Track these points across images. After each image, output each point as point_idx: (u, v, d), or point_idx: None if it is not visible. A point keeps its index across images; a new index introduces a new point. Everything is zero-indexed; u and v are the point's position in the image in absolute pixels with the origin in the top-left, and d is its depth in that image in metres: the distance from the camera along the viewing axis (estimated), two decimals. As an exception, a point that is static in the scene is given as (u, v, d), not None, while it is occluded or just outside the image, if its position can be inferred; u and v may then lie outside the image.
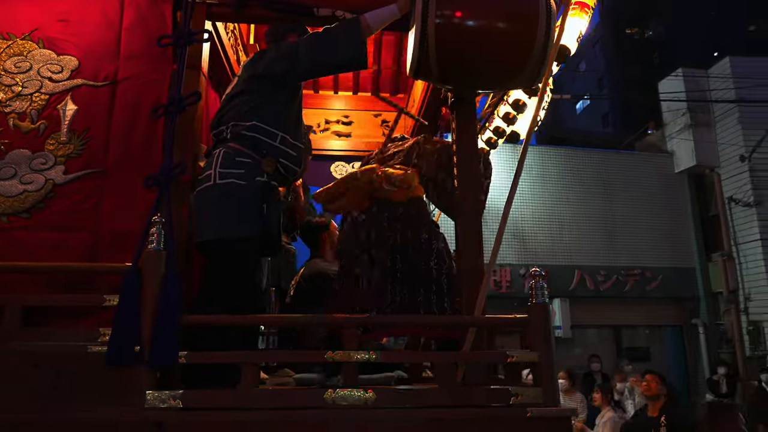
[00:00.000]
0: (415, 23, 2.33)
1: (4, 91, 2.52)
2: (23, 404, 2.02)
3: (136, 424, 2.03)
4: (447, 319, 2.54)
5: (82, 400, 2.04)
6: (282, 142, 2.51)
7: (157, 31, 2.62)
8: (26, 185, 2.43)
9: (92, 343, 2.10)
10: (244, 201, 2.41)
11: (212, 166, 2.45)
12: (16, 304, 2.15)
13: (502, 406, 2.12)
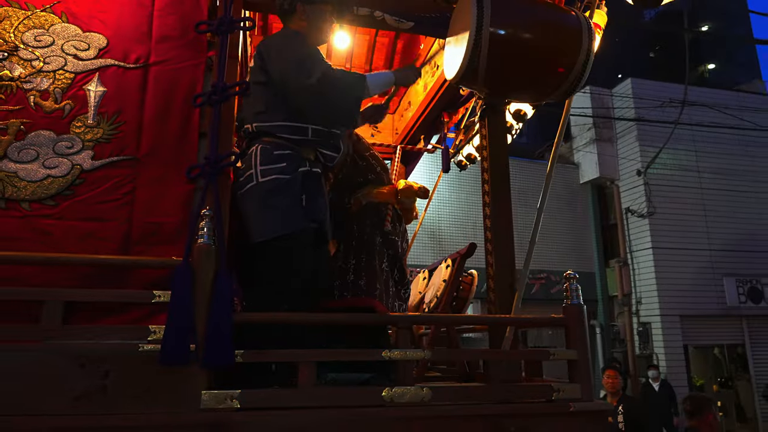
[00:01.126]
0: (464, 33, 2.40)
1: (23, 65, 2.31)
2: (69, 407, 1.89)
3: (192, 426, 1.96)
4: (489, 319, 2.64)
5: (133, 402, 1.94)
6: (315, 134, 2.48)
7: (192, 15, 2.50)
8: (50, 170, 2.24)
9: (143, 342, 1.99)
10: (290, 196, 2.38)
11: (252, 164, 2.40)
12: (58, 300, 1.99)
13: (546, 402, 2.25)
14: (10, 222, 2.16)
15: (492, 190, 2.60)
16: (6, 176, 2.19)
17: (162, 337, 1.98)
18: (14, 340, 1.98)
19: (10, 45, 2.31)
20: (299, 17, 2.57)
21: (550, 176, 2.59)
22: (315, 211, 2.45)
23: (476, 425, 2.16)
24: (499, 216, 2.58)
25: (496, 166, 2.64)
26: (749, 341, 13.06)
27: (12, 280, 2.08)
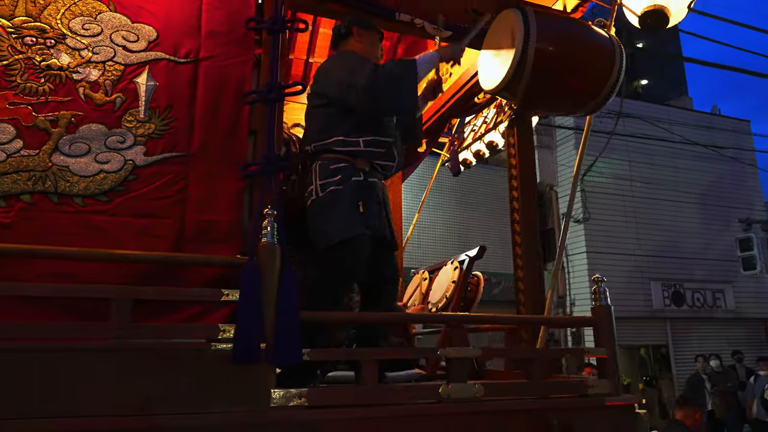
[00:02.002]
0: (507, 47, 2.52)
1: (71, 54, 2.23)
2: (141, 407, 1.86)
3: (263, 424, 1.98)
4: (523, 319, 2.76)
5: (204, 400, 1.93)
6: (368, 145, 2.55)
7: (240, 12, 2.49)
8: (103, 165, 2.18)
9: (214, 340, 1.99)
10: (344, 205, 2.46)
11: (313, 180, 2.51)
12: (127, 298, 1.95)
13: (582, 396, 2.41)
14: (63, 217, 2.10)
15: (522, 196, 2.74)
16: (58, 170, 2.12)
17: (233, 336, 1.98)
18: (80, 338, 1.93)
19: (57, 32, 2.23)
20: (355, 39, 2.69)
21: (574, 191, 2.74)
22: (369, 218, 2.53)
23: (523, 419, 2.29)
24: (528, 221, 2.72)
25: (525, 173, 2.78)
26: (672, 342, 13.98)
27: (68, 277, 2.03)
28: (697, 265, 14.20)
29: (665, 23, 3.10)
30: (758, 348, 14.36)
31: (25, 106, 2.13)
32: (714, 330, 14.35)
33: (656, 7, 3.07)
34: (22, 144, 2.10)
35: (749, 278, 14.16)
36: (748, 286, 14.57)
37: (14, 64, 2.15)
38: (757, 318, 14.79)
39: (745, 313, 14.55)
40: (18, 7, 2.20)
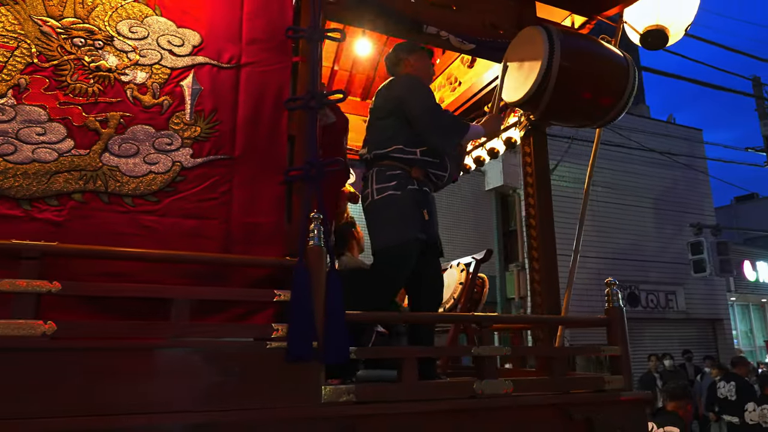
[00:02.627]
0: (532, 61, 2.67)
1: (119, 57, 2.25)
2: (201, 404, 1.92)
3: (315, 419, 2.06)
4: (541, 319, 2.91)
5: (260, 397, 2.00)
6: (424, 154, 2.69)
7: (278, 20, 2.55)
8: (152, 165, 2.22)
9: (269, 339, 2.06)
10: (401, 209, 2.59)
11: (369, 185, 2.67)
12: (186, 298, 2.00)
13: (599, 392, 2.58)
14: (114, 217, 2.13)
15: (538, 203, 2.90)
16: (108, 170, 2.15)
17: (287, 335, 2.05)
18: (137, 337, 1.97)
19: (105, 34, 2.25)
20: (410, 64, 2.90)
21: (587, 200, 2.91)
22: (423, 224, 2.65)
23: (549, 413, 2.44)
24: (544, 228, 2.88)
25: (541, 182, 2.94)
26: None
27: (121, 276, 2.06)
28: (651, 268, 14.81)
29: (665, 43, 3.32)
30: (706, 347, 15.10)
31: (76, 106, 2.15)
32: (666, 330, 15.01)
33: (657, 27, 3.28)
34: (73, 144, 2.12)
35: (699, 280, 14.84)
36: (698, 288, 15.30)
37: (64, 65, 2.16)
38: (705, 318, 15.54)
39: (694, 313, 15.27)
40: (66, 7, 2.21)
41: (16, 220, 2.00)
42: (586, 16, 3.28)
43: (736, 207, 23.31)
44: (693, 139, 16.80)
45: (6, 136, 2.03)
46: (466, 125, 2.77)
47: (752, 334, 18.62)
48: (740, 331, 18.20)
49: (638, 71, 20.57)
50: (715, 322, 15.62)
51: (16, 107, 2.07)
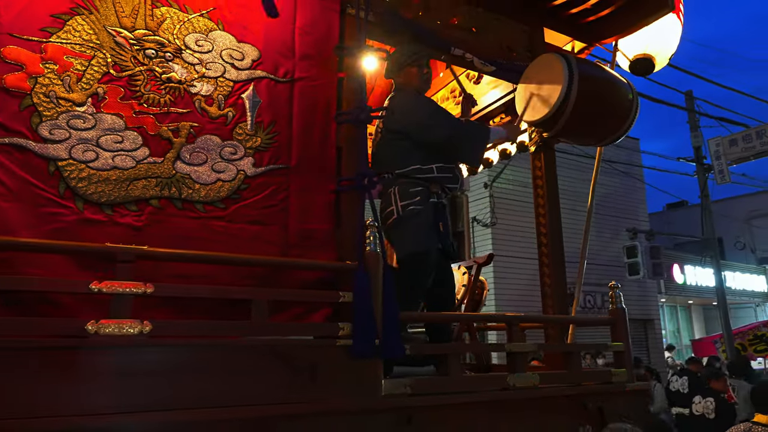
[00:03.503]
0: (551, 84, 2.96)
1: (187, 69, 2.36)
2: (278, 397, 2.07)
3: (378, 410, 2.26)
4: (552, 318, 3.18)
5: (330, 390, 2.18)
6: (440, 171, 2.90)
7: (327, 37, 2.71)
8: (219, 174, 2.34)
9: (337, 338, 2.23)
10: (423, 222, 2.82)
11: (392, 202, 2.84)
12: (264, 298, 2.15)
13: (607, 383, 2.89)
14: (187, 222, 2.25)
15: (548, 212, 3.19)
16: (181, 177, 2.26)
17: (352, 334, 2.23)
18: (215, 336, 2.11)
19: (174, 47, 2.36)
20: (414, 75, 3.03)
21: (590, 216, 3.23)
22: (441, 234, 2.91)
23: (566, 403, 2.73)
24: (554, 236, 3.18)
25: (551, 193, 3.23)
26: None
27: (195, 278, 2.18)
28: (589, 270, 15.60)
29: (651, 70, 3.70)
30: (638, 346, 16.05)
31: (149, 115, 2.25)
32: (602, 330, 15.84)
33: (646, 56, 3.65)
34: (148, 152, 2.22)
35: (633, 282, 15.73)
36: (633, 290, 16.22)
37: (137, 75, 2.26)
38: (639, 319, 16.53)
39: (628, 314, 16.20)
40: (138, 19, 2.30)
41: (100, 224, 2.09)
42: (586, 42, 3.61)
43: (667, 213, 24.82)
44: (630, 147, 17.77)
45: (88, 143, 2.12)
46: (487, 129, 2.99)
47: (679, 334, 19.96)
48: (669, 330, 19.45)
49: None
50: (647, 322, 16.61)
51: (96, 115, 2.15)
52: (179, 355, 1.96)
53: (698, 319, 21.69)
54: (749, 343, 13.72)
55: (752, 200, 23.02)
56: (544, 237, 3.20)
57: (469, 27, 3.19)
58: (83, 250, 1.98)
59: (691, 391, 6.15)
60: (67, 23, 2.17)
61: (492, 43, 3.24)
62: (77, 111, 2.12)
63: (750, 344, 13.65)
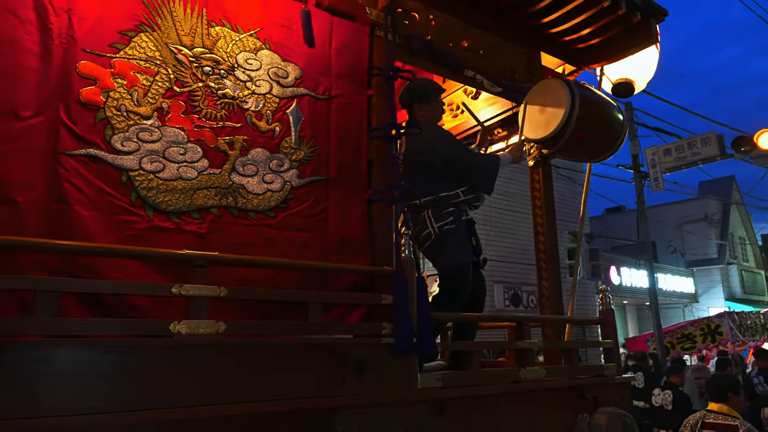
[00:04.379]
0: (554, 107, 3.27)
1: (240, 86, 2.52)
2: (333, 389, 2.28)
3: (416, 401, 2.49)
4: (550, 318, 3.49)
5: (376, 384, 2.40)
6: (464, 194, 3.18)
7: (359, 58, 2.92)
8: (268, 184, 2.51)
9: (381, 336, 2.45)
10: (458, 239, 3.11)
11: (427, 225, 3.10)
12: (317, 300, 2.34)
13: (600, 376, 3.23)
14: (242, 230, 2.41)
15: (546, 224, 3.51)
16: (236, 188, 2.42)
17: (393, 333, 2.46)
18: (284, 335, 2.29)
19: (228, 64, 2.51)
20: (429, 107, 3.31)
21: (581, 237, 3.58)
22: (472, 248, 3.21)
23: (569, 393, 3.05)
24: (551, 246, 3.50)
25: (548, 204, 3.55)
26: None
27: (251, 282, 2.36)
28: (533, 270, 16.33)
29: (631, 93, 4.09)
30: (578, 344, 16.86)
31: (207, 129, 2.40)
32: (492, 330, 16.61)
33: (627, 80, 4.04)
34: (208, 163, 2.37)
35: (571, 283, 16.47)
36: (571, 291, 17.05)
37: (196, 91, 2.41)
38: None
39: (568, 314, 17.04)
40: (196, 38, 2.45)
41: (168, 231, 2.23)
42: (576, 66, 3.96)
43: (606, 218, 26.09)
44: (575, 154, 18.63)
45: (155, 154, 2.25)
46: (497, 159, 3.28)
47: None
48: (605, 329, 20.45)
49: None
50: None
51: (161, 128, 2.29)
52: (249, 352, 2.14)
53: (632, 318, 22.94)
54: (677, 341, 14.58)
55: (683, 207, 24.50)
56: (542, 244, 3.51)
57: (478, 49, 3.46)
58: (165, 256, 2.13)
59: (648, 385, 6.71)
60: (132, 40, 2.30)
61: (497, 65, 3.52)
62: (145, 124, 2.25)
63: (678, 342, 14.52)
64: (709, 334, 13.82)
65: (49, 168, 2.04)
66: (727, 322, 13.46)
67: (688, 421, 3.82)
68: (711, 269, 24.04)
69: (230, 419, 2.02)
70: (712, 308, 21.08)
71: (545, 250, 3.52)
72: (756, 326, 14.02)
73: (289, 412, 2.16)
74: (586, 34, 3.65)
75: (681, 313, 22.58)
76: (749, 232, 27.26)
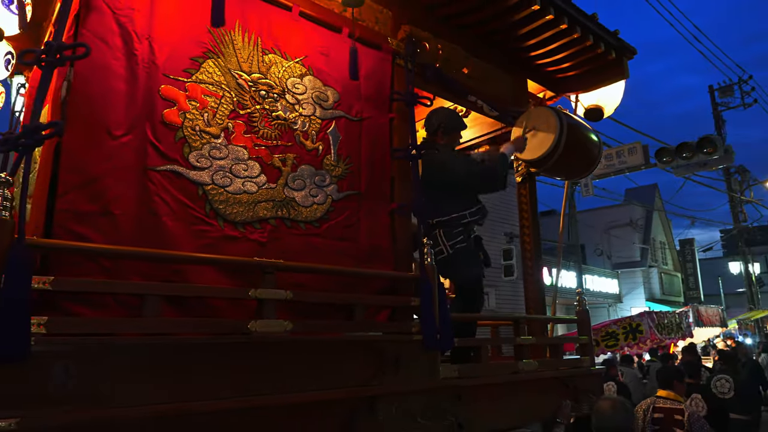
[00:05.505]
0: (545, 132, 3.73)
1: (289, 108, 2.80)
2: (374, 379, 2.62)
3: (438, 388, 2.87)
4: (534, 318, 3.93)
5: (408, 375, 2.75)
6: (472, 215, 3.59)
7: (383, 83, 3.25)
8: (314, 198, 2.81)
9: (413, 334, 2.81)
10: (470, 256, 3.53)
11: (440, 242, 3.48)
12: (362, 303, 2.67)
13: (577, 367, 3.72)
14: (294, 239, 2.71)
15: (531, 233, 3.97)
16: (289, 201, 2.72)
17: (422, 330, 2.82)
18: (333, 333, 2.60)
19: (279, 89, 2.79)
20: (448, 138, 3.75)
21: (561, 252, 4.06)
22: (480, 262, 3.64)
23: (555, 383, 3.51)
24: (536, 253, 3.96)
25: (534, 216, 4.01)
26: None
27: (302, 286, 2.65)
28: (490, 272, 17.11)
29: (601, 117, 4.63)
30: (511, 342, 17.72)
31: (264, 147, 2.68)
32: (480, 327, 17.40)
33: (597, 106, 4.57)
34: (266, 179, 2.65)
35: (507, 283, 17.29)
36: (507, 290, 17.84)
37: (254, 113, 2.67)
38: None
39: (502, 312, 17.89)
40: (253, 64, 2.71)
41: (236, 240, 2.50)
42: (555, 92, 4.45)
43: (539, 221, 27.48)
44: (512, 160, 19.50)
45: (224, 170, 2.51)
46: (504, 156, 3.69)
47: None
48: (536, 327, 21.53)
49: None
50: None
51: (228, 147, 2.55)
52: (307, 348, 2.44)
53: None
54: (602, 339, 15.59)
55: (610, 212, 26.08)
56: (529, 252, 3.97)
57: (477, 76, 3.87)
58: (243, 264, 2.40)
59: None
60: (202, 65, 2.55)
61: (492, 90, 3.94)
62: (215, 142, 2.51)
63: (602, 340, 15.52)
64: (630, 333, 14.78)
65: (139, 183, 2.27)
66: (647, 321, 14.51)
67: (640, 406, 4.39)
68: (634, 271, 25.73)
69: (296, 406, 2.32)
70: (634, 308, 22.54)
71: (531, 258, 3.97)
72: (672, 325, 15.05)
73: (340, 400, 2.48)
74: (568, 67, 4.13)
75: (606, 312, 23.99)
76: (669, 237, 29.35)
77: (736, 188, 20.20)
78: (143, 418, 1.92)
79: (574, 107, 4.47)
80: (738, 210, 20.63)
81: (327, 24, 3.07)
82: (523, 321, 3.49)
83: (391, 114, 3.29)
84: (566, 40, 3.80)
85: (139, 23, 2.37)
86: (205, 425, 2.07)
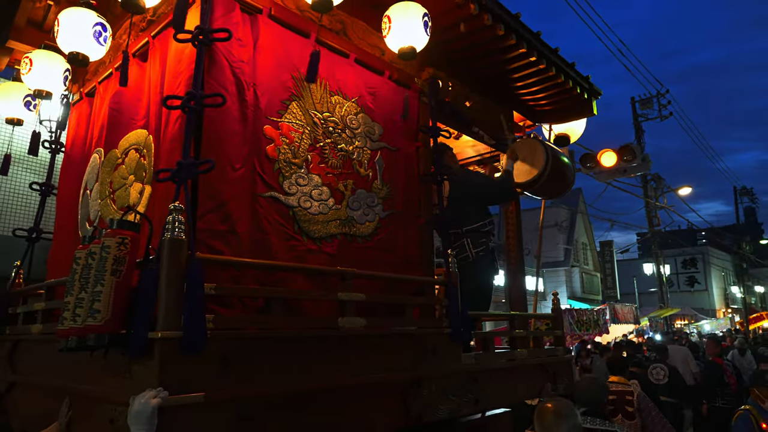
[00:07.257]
0: (534, 160, 4.49)
1: (348, 141, 3.38)
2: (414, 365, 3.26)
3: (460, 372, 3.55)
4: (517, 315, 4.67)
5: (438, 361, 3.41)
6: (489, 224, 4.31)
7: (412, 117, 3.87)
8: (367, 216, 3.41)
9: (444, 328, 3.47)
10: (491, 261, 4.25)
11: (466, 249, 4.20)
12: (411, 304, 3.30)
13: (554, 356, 4.51)
14: (354, 251, 3.29)
15: (515, 243, 4.72)
16: (350, 219, 3.30)
17: (450, 325, 3.49)
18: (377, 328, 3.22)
19: (341, 126, 3.36)
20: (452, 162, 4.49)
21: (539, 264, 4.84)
22: (497, 268, 4.31)
23: (540, 369, 4.28)
24: (518, 258, 4.72)
25: (518, 229, 4.76)
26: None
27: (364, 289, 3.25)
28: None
29: (568, 143, 5.45)
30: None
31: (333, 175, 3.24)
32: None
33: (565, 134, 5.39)
34: (333, 201, 3.22)
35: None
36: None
37: (325, 146, 3.24)
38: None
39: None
40: (323, 105, 3.27)
41: (315, 252, 3.06)
42: (533, 122, 5.24)
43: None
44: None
45: (306, 195, 3.07)
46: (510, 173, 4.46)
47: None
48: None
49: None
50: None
51: (308, 175, 3.11)
52: (377, 340, 3.05)
53: (490, 313, 25.57)
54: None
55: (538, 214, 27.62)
56: (513, 260, 4.72)
57: (477, 109, 4.56)
58: (332, 273, 2.96)
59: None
60: (288, 107, 3.09)
61: (487, 121, 4.65)
62: (300, 172, 3.06)
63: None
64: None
65: (252, 207, 2.80)
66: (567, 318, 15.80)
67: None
68: (558, 270, 27.50)
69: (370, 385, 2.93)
70: (558, 305, 24.14)
71: (515, 263, 4.73)
72: (590, 322, 16.33)
73: (396, 381, 3.11)
74: (547, 102, 4.91)
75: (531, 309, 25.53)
76: (590, 239, 31.46)
77: (651, 195, 22.06)
78: (278, 396, 2.48)
79: (547, 134, 5.27)
80: (653, 215, 22.54)
81: (373, 68, 3.67)
82: (516, 317, 4.23)
83: (417, 143, 3.93)
84: (550, 83, 4.57)
85: (247, 73, 2.89)
86: (317, 401, 2.64)
